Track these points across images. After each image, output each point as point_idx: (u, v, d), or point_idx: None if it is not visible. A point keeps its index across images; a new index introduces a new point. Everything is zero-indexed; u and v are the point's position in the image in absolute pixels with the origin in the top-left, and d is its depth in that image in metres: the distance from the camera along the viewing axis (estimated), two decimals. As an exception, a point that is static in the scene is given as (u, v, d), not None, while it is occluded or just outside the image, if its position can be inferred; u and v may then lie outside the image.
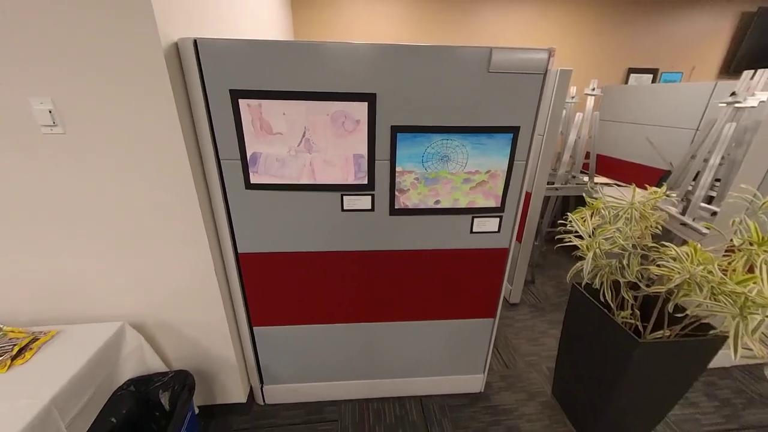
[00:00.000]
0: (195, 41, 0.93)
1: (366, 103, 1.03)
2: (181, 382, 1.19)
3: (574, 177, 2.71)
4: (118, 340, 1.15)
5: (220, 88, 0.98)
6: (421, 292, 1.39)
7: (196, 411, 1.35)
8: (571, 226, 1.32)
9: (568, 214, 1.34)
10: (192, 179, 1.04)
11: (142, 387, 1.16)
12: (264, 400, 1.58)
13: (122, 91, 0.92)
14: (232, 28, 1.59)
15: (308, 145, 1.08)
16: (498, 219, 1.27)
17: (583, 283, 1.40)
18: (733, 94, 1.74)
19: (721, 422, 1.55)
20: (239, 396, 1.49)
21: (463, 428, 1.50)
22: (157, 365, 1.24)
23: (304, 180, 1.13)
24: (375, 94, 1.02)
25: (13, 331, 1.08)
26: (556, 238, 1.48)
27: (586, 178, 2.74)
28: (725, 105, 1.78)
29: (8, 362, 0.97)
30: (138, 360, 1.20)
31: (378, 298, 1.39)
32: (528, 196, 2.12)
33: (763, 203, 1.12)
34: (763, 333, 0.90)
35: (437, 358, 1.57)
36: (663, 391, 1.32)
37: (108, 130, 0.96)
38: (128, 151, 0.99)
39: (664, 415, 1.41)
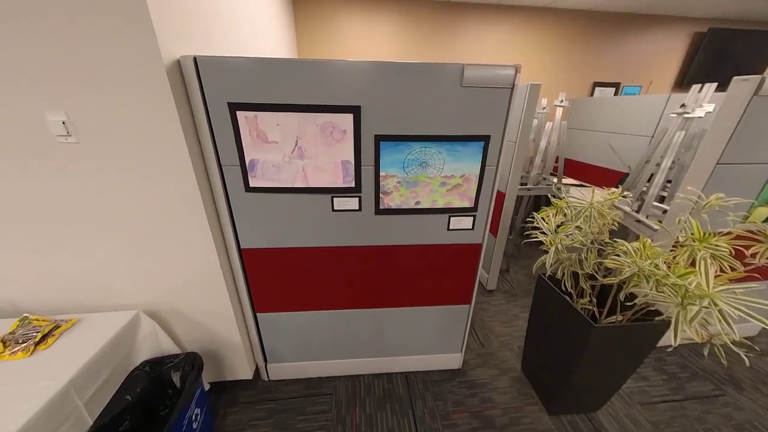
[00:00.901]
0: (195, 58, 0.89)
1: (351, 115, 1.01)
2: (191, 362, 1.17)
3: (544, 179, 2.69)
4: (134, 327, 1.14)
5: (220, 100, 0.95)
6: (405, 282, 1.38)
7: (207, 387, 1.35)
8: (538, 224, 1.31)
9: (534, 213, 1.33)
10: (196, 183, 1.02)
11: (155, 368, 1.14)
12: (268, 377, 1.57)
13: (130, 104, 0.89)
14: (238, 44, 1.55)
15: (301, 153, 1.05)
16: (472, 218, 1.25)
17: (547, 274, 1.40)
18: (683, 105, 1.72)
19: (667, 394, 1.56)
20: (246, 373, 1.48)
21: (442, 400, 1.50)
22: (169, 348, 1.23)
23: (298, 184, 1.10)
24: (360, 106, 1.00)
25: (37, 320, 1.06)
26: (524, 233, 1.47)
27: (555, 180, 2.72)
28: (676, 115, 1.76)
29: (32, 347, 0.95)
30: (152, 344, 1.19)
31: (366, 288, 1.38)
32: (502, 195, 2.11)
33: (706, 203, 1.11)
34: (703, 317, 0.89)
35: (420, 339, 1.56)
36: (617, 368, 1.32)
37: (117, 140, 0.94)
38: (136, 159, 0.97)
39: (619, 388, 1.41)
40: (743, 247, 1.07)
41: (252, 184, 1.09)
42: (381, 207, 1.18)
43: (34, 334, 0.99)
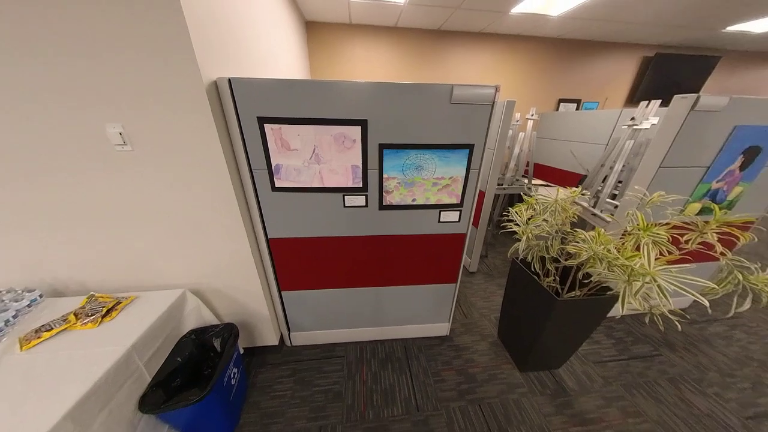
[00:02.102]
0: (229, 80, 0.89)
1: (360, 127, 1.01)
2: (229, 331, 1.19)
3: (517, 180, 2.69)
4: (181, 302, 1.15)
5: (250, 115, 0.96)
6: (403, 265, 1.39)
7: (241, 351, 1.37)
8: (512, 217, 1.33)
9: (509, 208, 1.34)
10: (231, 184, 1.02)
11: (200, 335, 1.16)
12: (291, 343, 1.59)
13: (175, 118, 0.89)
14: (261, 65, 1.53)
15: (317, 158, 1.06)
16: (458, 212, 1.26)
17: (519, 258, 1.42)
18: (633, 118, 1.73)
19: (615, 354, 1.60)
20: (273, 340, 1.50)
21: (433, 361, 1.53)
22: (210, 319, 1.25)
23: (315, 184, 1.11)
24: (366, 120, 1.00)
25: (102, 297, 1.08)
26: (501, 224, 1.49)
27: (526, 181, 2.73)
28: (627, 127, 1.77)
29: (99, 320, 0.97)
30: (197, 316, 1.20)
31: (371, 270, 1.39)
32: (482, 194, 2.12)
33: (650, 200, 1.13)
34: (645, 292, 0.91)
35: (415, 312, 1.58)
36: (575, 333, 1.35)
37: (164, 148, 0.94)
38: (181, 163, 0.97)
39: (576, 349, 1.44)
40: (679, 234, 1.09)
41: (277, 185, 1.09)
42: (384, 203, 1.19)
43: (101, 308, 1.00)
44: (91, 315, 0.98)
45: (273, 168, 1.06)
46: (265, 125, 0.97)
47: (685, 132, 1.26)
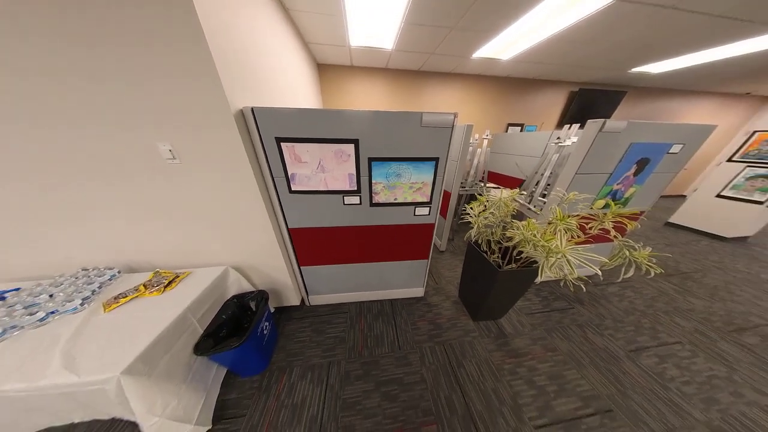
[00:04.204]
0: (252, 109, 0.86)
1: (353, 145, 0.98)
2: (261, 296, 1.19)
3: (476, 183, 2.68)
4: (225, 276, 1.14)
5: (270, 136, 0.92)
6: (389, 246, 1.39)
7: (272, 310, 1.37)
8: (468, 211, 1.33)
9: (466, 205, 1.33)
10: (257, 188, 0.99)
11: (240, 299, 1.16)
12: (309, 303, 1.59)
13: (212, 138, 0.85)
14: (282, 97, 1.47)
15: (322, 168, 1.03)
16: (428, 208, 1.25)
17: (473, 241, 1.43)
18: (559, 138, 1.72)
19: (540, 308, 1.62)
20: (296, 301, 1.49)
21: (412, 314, 1.54)
22: (248, 287, 1.23)
23: (322, 188, 1.08)
24: (358, 139, 0.97)
25: (165, 272, 1.06)
26: (461, 215, 1.48)
27: (482, 184, 2.72)
28: (555, 144, 1.76)
29: (162, 289, 0.96)
30: (237, 285, 1.19)
31: (366, 250, 1.38)
32: (449, 193, 2.11)
33: (567, 198, 1.13)
34: (559, 265, 0.93)
35: (399, 279, 1.58)
36: (512, 294, 1.37)
37: (206, 161, 0.90)
38: (219, 174, 0.94)
39: (513, 305, 1.47)
40: (585, 223, 1.11)
41: (293, 188, 1.07)
42: (373, 202, 1.17)
43: (164, 281, 0.99)
44: (157, 286, 0.97)
45: (289, 176, 1.03)
46: (281, 143, 0.94)
47: (595, 147, 1.26)
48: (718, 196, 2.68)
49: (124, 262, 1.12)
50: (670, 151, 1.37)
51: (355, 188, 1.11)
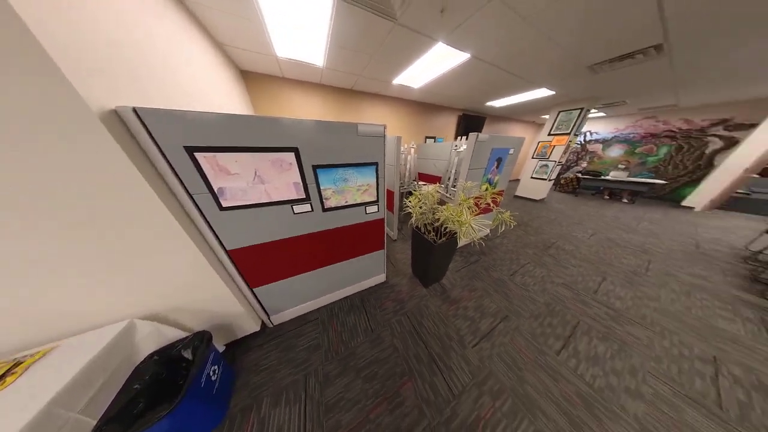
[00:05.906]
0: (134, 109, 0.57)
1: (293, 153, 0.85)
2: (201, 338, 0.85)
3: (411, 182, 2.95)
4: (129, 332, 0.74)
5: (174, 144, 0.65)
6: (348, 245, 1.31)
7: (222, 349, 1.02)
8: (408, 205, 1.43)
9: (405, 200, 1.43)
10: (168, 211, 0.69)
11: (164, 353, 0.79)
12: (272, 324, 1.30)
13: (71, 149, 0.51)
14: (189, 102, 1.08)
15: (261, 179, 0.84)
16: (377, 206, 1.26)
17: (414, 226, 1.55)
18: (456, 146, 2.12)
19: (463, 264, 1.94)
20: (254, 327, 1.18)
21: (378, 298, 1.52)
22: (176, 335, 0.85)
23: (264, 200, 0.88)
24: (297, 147, 0.85)
25: (-15, 366, 0.57)
26: (403, 207, 1.58)
27: (416, 182, 3.01)
28: (454, 150, 2.16)
29: (-19, 394, 0.51)
30: (155, 339, 0.80)
31: (324, 254, 1.25)
32: (392, 192, 2.19)
33: (465, 186, 1.41)
34: (467, 233, 1.14)
35: (362, 272, 1.53)
36: (445, 260, 1.57)
37: (65, 182, 0.53)
38: (93, 199, 0.58)
39: (447, 267, 1.69)
40: (477, 202, 1.42)
41: (224, 204, 0.82)
42: (325, 207, 1.07)
43: (-17, 380, 0.53)
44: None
45: (217, 191, 0.78)
46: (195, 153, 0.69)
47: (476, 151, 1.63)
48: (532, 178, 4.28)
49: None
50: (510, 153, 1.97)
51: (303, 196, 0.98)
